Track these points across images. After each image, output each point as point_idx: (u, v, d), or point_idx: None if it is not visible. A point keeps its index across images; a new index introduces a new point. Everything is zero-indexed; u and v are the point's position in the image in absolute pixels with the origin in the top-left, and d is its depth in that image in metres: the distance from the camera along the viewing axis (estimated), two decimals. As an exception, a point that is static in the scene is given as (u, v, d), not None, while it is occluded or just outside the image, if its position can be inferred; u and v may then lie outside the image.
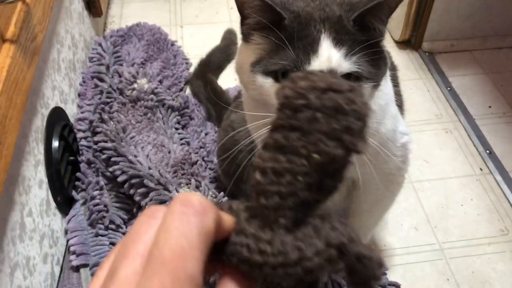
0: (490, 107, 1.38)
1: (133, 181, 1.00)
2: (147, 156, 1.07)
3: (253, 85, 0.63)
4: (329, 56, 0.58)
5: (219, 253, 0.27)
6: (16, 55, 0.74)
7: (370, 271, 0.27)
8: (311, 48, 0.58)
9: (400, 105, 0.82)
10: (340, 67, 0.59)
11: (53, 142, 0.96)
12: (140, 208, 1.01)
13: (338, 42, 0.58)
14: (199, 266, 0.23)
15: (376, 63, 0.61)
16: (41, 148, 0.92)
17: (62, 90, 1.09)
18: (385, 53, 0.64)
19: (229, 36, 1.50)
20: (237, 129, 0.92)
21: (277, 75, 0.60)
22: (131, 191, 1.00)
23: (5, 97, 0.69)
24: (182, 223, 0.24)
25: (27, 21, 0.80)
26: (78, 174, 1.05)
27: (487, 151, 1.26)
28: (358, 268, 0.26)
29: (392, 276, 1.00)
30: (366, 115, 0.27)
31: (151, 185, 0.98)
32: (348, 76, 0.60)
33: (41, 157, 0.92)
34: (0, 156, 0.65)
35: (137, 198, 1.00)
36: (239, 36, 1.47)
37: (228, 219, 0.27)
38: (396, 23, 1.56)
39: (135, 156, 1.04)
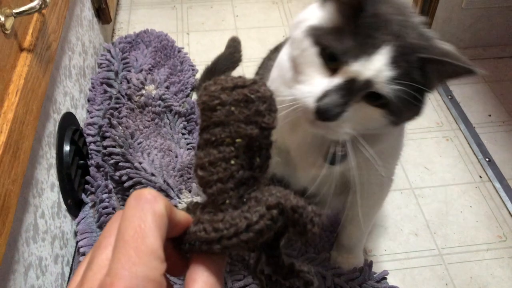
0: (490, 115, 1.41)
1: (138, 186, 1.03)
2: (153, 161, 1.10)
3: (299, 45, 0.62)
4: (377, 67, 0.57)
5: (182, 246, 0.32)
6: (33, 63, 0.77)
7: (306, 218, 0.31)
8: (368, 50, 0.57)
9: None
10: (379, 83, 0.57)
11: (64, 146, 1.00)
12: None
13: (394, 62, 0.57)
14: (157, 242, 0.27)
15: (408, 107, 0.60)
16: (53, 152, 0.95)
17: (73, 96, 1.12)
18: (422, 106, 0.63)
19: (233, 44, 1.53)
20: None
21: (325, 52, 0.59)
22: (137, 196, 1.03)
23: (22, 104, 0.72)
24: (137, 210, 0.28)
25: (43, 30, 0.84)
26: (87, 177, 1.08)
27: (487, 159, 1.28)
28: (295, 218, 0.31)
29: (391, 280, 1.03)
30: (269, 97, 0.33)
31: (154, 190, 1.01)
32: (374, 97, 0.59)
33: (53, 160, 0.95)
34: (17, 160, 0.68)
35: (142, 202, 1.03)
36: (243, 44, 1.51)
37: (183, 214, 0.32)
38: (399, 32, 1.59)
39: (140, 163, 1.07)
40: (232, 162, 0.33)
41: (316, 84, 0.60)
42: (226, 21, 1.75)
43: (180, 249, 0.32)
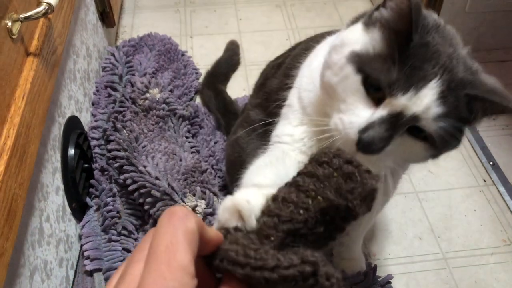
0: (494, 119, 1.40)
1: (142, 190, 1.03)
2: (157, 165, 1.10)
3: (338, 71, 0.58)
4: (426, 104, 0.54)
5: (212, 261, 0.33)
6: (39, 68, 0.78)
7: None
8: (416, 83, 0.54)
9: None
10: (426, 120, 0.55)
11: (69, 150, 1.00)
12: (150, 216, 1.04)
13: (442, 98, 0.54)
14: (187, 257, 0.28)
15: (451, 141, 0.59)
16: (58, 156, 0.96)
17: (77, 99, 1.13)
18: (461, 139, 0.61)
19: (231, 47, 1.55)
20: (243, 146, 0.94)
21: (367, 81, 0.56)
22: (141, 200, 1.03)
23: (29, 108, 0.72)
24: (169, 227, 0.29)
25: (49, 34, 0.84)
26: (92, 181, 1.08)
27: (491, 163, 1.28)
28: (326, 286, 0.31)
29: (396, 284, 1.03)
30: (370, 190, 0.34)
31: (158, 195, 1.01)
32: (418, 130, 0.57)
33: (58, 164, 0.95)
34: (24, 164, 0.68)
35: (146, 206, 1.03)
36: (246, 47, 1.50)
37: (214, 232, 0.33)
38: (402, 36, 1.59)
39: (145, 167, 1.07)
40: (301, 211, 0.34)
41: (359, 114, 0.57)
42: (229, 25, 1.75)
43: (210, 266, 0.33)
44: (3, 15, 0.69)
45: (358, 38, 0.59)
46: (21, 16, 0.72)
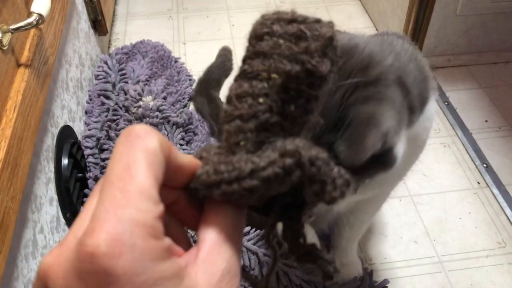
0: (486, 121, 1.42)
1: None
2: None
3: None
4: None
5: (189, 192, 0.28)
6: (30, 78, 0.77)
7: (326, 176, 0.26)
8: None
9: None
10: None
11: (62, 160, 0.99)
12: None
13: None
14: (148, 180, 0.23)
15: None
16: (52, 166, 0.95)
17: (70, 109, 1.12)
18: None
19: (224, 53, 1.55)
20: None
21: None
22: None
23: (21, 120, 0.72)
24: (125, 147, 0.25)
25: (40, 45, 0.84)
26: (86, 190, 1.08)
27: (484, 165, 1.29)
28: (312, 173, 0.26)
29: (392, 288, 1.03)
30: (327, 38, 0.28)
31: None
32: None
33: (51, 175, 0.94)
34: (16, 177, 0.68)
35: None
36: (240, 53, 1.51)
37: (188, 157, 0.28)
38: (394, 39, 1.60)
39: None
40: (261, 100, 0.28)
41: None
42: (222, 31, 1.75)
43: (192, 198, 0.28)
44: (-7, 27, 0.69)
45: None
46: (11, 27, 0.72)
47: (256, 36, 0.29)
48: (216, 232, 0.26)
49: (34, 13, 0.74)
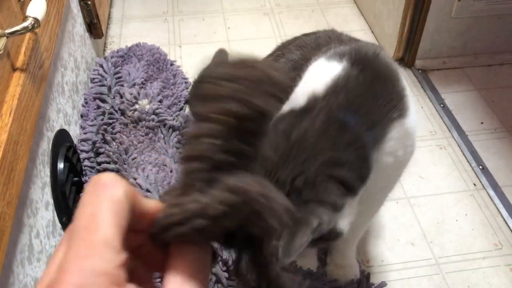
0: (482, 123, 1.42)
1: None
2: (147, 177, 1.10)
3: None
4: None
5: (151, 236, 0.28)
6: (26, 82, 0.77)
7: (271, 211, 0.27)
8: None
9: None
10: None
11: (58, 164, 0.99)
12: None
13: None
14: (111, 230, 0.25)
15: None
16: (47, 170, 0.95)
17: (66, 112, 1.12)
18: None
19: (220, 55, 1.54)
20: None
21: None
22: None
23: (16, 125, 0.71)
24: (91, 196, 0.26)
25: (35, 49, 0.83)
26: (82, 194, 1.07)
27: (480, 167, 1.29)
28: (256, 209, 0.27)
29: (390, 291, 1.03)
30: (274, 81, 0.30)
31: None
32: None
33: (47, 179, 0.94)
34: (12, 182, 0.67)
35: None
36: (231, 55, 1.51)
37: (153, 202, 0.29)
38: (390, 42, 1.60)
39: (135, 179, 1.07)
40: (213, 141, 0.29)
41: None
42: (218, 33, 1.75)
43: (154, 242, 0.28)
44: (-11, 31, 0.68)
45: None
46: (6, 31, 0.71)
47: (206, 80, 0.30)
48: (179, 274, 0.26)
49: (29, 17, 0.74)
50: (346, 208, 0.67)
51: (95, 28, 1.46)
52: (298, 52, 0.89)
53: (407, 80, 1.56)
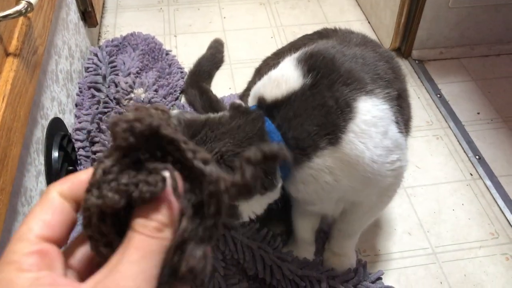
0: (478, 113, 1.42)
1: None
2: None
3: None
4: None
5: None
6: (19, 68, 0.76)
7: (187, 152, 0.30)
8: None
9: (406, 123, 0.85)
10: None
11: (53, 152, 0.97)
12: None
13: None
14: (28, 226, 0.29)
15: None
16: (42, 159, 0.93)
17: (60, 101, 1.10)
18: None
19: (215, 45, 1.53)
20: None
21: None
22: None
23: (9, 110, 0.70)
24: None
25: (29, 34, 0.82)
26: (77, 183, 1.06)
27: (477, 157, 1.29)
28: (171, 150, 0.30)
29: (387, 280, 1.03)
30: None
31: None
32: None
33: (41, 167, 0.93)
34: (5, 168, 0.66)
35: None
36: (231, 45, 1.48)
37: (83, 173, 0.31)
38: (387, 32, 1.59)
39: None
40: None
41: None
42: (213, 23, 1.74)
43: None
44: (-19, 15, 0.67)
45: None
46: (-1, 15, 0.70)
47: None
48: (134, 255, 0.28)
49: (22, 0, 0.72)
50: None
51: (89, 16, 1.44)
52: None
53: (404, 70, 1.56)
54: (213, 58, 1.49)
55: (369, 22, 1.75)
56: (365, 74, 0.76)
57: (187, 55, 1.57)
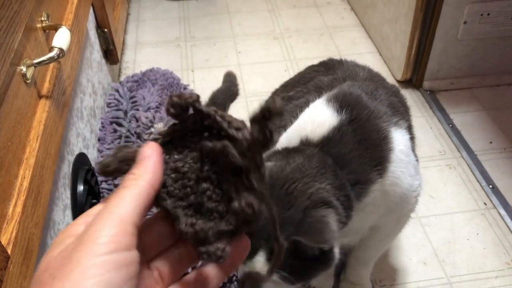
0: (491, 142, 1.44)
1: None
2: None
3: None
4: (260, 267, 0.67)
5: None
6: (51, 109, 0.81)
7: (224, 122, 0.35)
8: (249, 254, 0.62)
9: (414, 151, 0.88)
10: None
11: (78, 186, 1.02)
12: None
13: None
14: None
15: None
16: (68, 193, 0.98)
17: (84, 136, 1.16)
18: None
19: (229, 78, 1.58)
20: None
21: None
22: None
23: (42, 149, 0.75)
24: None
25: (59, 77, 0.88)
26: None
27: (490, 186, 1.31)
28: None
29: (403, 310, 1.04)
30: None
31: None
32: None
33: (68, 201, 0.97)
34: (39, 204, 0.71)
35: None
36: (246, 79, 1.52)
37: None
38: (398, 64, 1.64)
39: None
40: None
41: None
42: (229, 58, 1.80)
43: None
44: (18, 62, 0.72)
45: None
46: (34, 61, 0.76)
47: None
48: None
49: (55, 47, 0.78)
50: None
51: (111, 54, 1.51)
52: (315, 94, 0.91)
53: (415, 101, 1.59)
54: (228, 91, 1.55)
55: (380, 54, 1.79)
56: (386, 108, 0.80)
57: (205, 89, 1.63)
